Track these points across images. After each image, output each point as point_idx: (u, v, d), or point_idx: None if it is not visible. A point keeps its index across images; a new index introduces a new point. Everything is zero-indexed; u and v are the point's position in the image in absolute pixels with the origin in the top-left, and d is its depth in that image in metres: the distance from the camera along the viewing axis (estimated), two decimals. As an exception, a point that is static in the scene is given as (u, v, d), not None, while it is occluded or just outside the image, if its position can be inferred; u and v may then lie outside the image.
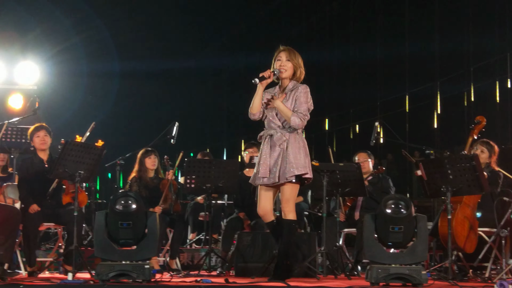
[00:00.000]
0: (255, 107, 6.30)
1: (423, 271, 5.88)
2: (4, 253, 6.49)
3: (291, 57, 6.41)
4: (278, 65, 6.39)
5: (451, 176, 6.69)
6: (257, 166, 6.28)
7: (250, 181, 6.43)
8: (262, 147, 6.30)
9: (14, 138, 9.20)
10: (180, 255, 8.99)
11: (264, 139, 6.32)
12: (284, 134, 6.25)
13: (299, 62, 6.48)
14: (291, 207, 6.27)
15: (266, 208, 6.31)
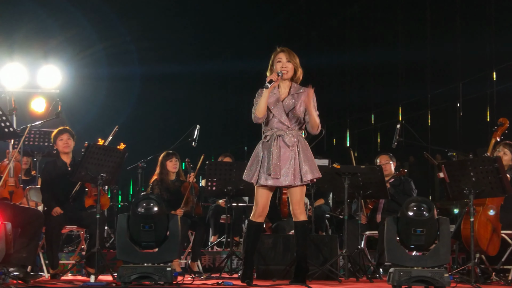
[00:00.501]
0: (262, 110, 6.21)
1: (445, 274, 5.84)
2: (27, 255, 6.53)
3: (291, 57, 6.36)
4: (280, 66, 6.32)
5: (474, 178, 6.65)
6: (262, 165, 6.19)
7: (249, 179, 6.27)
8: (270, 148, 6.20)
9: (37, 142, 9.27)
10: (202, 258, 9.00)
11: (273, 140, 6.23)
12: (294, 136, 6.26)
13: (298, 62, 6.44)
14: (303, 208, 6.33)
15: (266, 208, 6.32)
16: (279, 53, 6.38)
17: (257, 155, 6.27)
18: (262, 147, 6.27)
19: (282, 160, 6.18)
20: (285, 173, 6.18)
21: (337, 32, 16.79)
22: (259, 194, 6.27)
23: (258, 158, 6.24)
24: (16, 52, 12.87)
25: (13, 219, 6.25)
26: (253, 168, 6.25)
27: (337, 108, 16.72)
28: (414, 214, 5.96)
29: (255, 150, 6.32)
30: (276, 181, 6.18)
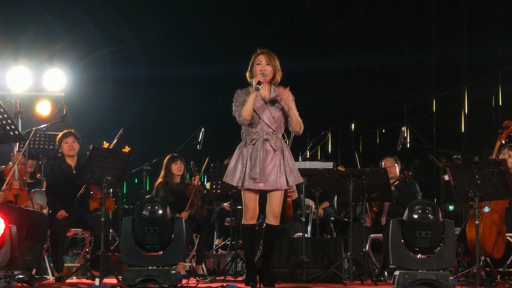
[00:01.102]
0: (250, 112, 6.18)
1: (450, 277, 5.83)
2: (32, 258, 6.54)
3: (270, 60, 6.30)
4: (259, 69, 6.28)
5: (479, 181, 6.64)
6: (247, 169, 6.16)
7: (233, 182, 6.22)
8: (256, 152, 6.16)
9: (42, 145, 9.28)
10: (206, 261, 9.00)
11: (260, 144, 6.19)
12: (278, 140, 6.27)
13: (278, 65, 6.37)
14: (279, 212, 6.35)
15: (257, 210, 6.32)
16: (259, 55, 6.34)
17: (241, 158, 6.22)
18: (246, 150, 6.22)
19: (268, 164, 6.18)
20: (270, 178, 6.18)
21: (342, 35, 16.78)
22: (247, 198, 6.25)
23: (243, 161, 6.20)
24: (21, 56, 12.90)
25: (18, 222, 6.26)
26: (237, 171, 6.20)
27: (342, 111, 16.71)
28: (419, 217, 5.95)
29: (238, 153, 6.26)
30: (264, 185, 6.17)
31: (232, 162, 6.27)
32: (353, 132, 16.10)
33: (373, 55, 15.65)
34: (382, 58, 15.37)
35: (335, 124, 16.50)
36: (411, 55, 14.53)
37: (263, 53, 6.34)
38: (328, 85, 17.12)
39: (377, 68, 15.56)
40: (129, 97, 17.08)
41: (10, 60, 12.58)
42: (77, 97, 13.30)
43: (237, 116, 6.23)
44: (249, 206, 6.26)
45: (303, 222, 7.44)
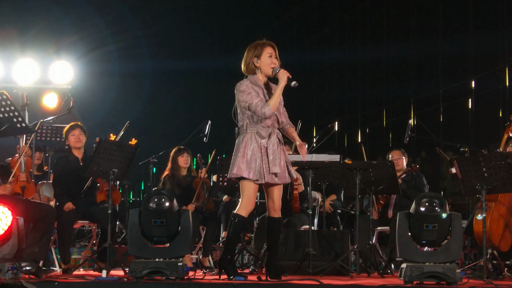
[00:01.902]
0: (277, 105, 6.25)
1: (457, 270, 5.82)
2: (39, 250, 6.55)
3: (276, 54, 6.34)
4: (271, 61, 6.27)
5: (486, 174, 6.62)
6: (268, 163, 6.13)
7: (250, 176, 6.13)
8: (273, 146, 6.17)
9: (49, 137, 9.30)
10: (213, 253, 9.01)
11: (274, 137, 6.21)
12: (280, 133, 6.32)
13: None
14: (280, 205, 6.36)
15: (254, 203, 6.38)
16: (267, 46, 6.31)
17: (259, 152, 6.16)
18: (260, 143, 6.17)
19: (280, 157, 6.20)
20: (283, 170, 6.20)
21: (349, 28, 16.76)
22: (253, 191, 6.22)
23: (261, 155, 6.15)
24: (28, 48, 12.90)
25: (25, 214, 6.27)
26: (253, 164, 6.13)
27: (348, 104, 16.70)
28: (426, 210, 5.94)
29: (249, 146, 6.16)
30: (280, 179, 6.20)
31: (247, 155, 6.14)
32: (360, 125, 16.09)
33: (380, 48, 15.63)
34: (389, 51, 15.35)
35: (341, 117, 16.49)
36: (418, 48, 14.52)
37: (272, 46, 6.33)
38: (334, 78, 17.11)
39: (384, 61, 15.55)
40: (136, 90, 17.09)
41: (17, 53, 12.59)
42: (84, 89, 13.31)
43: (262, 108, 6.13)
44: (253, 199, 6.26)
45: (309, 214, 7.43)
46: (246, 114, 6.24)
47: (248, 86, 6.25)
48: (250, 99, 6.19)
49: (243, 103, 6.21)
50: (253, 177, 6.12)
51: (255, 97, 6.20)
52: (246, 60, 6.35)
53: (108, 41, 15.69)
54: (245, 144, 6.17)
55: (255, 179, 6.14)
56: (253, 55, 6.32)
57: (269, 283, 5.94)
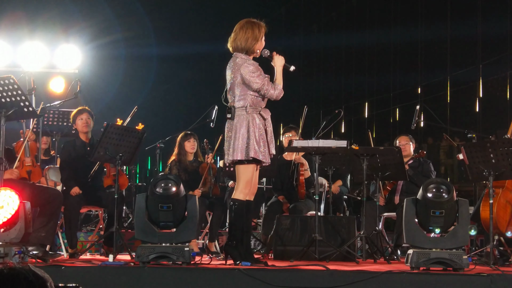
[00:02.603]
0: None
1: (464, 256, 5.82)
2: (46, 235, 6.57)
3: None
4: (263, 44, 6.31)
5: (494, 160, 6.59)
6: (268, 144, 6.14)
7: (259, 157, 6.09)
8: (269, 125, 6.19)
9: (56, 122, 9.29)
10: (219, 238, 9.02)
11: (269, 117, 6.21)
12: None
13: None
14: None
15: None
16: (263, 28, 6.36)
17: (263, 133, 6.13)
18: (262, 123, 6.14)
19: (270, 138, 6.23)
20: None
21: (356, 12, 16.68)
22: (252, 173, 6.20)
23: (263, 137, 6.13)
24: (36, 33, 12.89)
25: (32, 199, 6.28)
26: (262, 148, 6.10)
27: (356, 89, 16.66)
28: (433, 196, 5.93)
29: (257, 127, 6.10)
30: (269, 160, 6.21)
31: (255, 137, 6.08)
32: (367, 111, 16.05)
33: (387, 33, 15.57)
34: (397, 36, 15.29)
35: (348, 103, 16.46)
36: (425, 34, 14.45)
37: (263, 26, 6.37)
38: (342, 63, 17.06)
39: (392, 46, 15.49)
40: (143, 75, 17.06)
41: (25, 37, 12.57)
42: (90, 74, 13.29)
43: (274, 90, 6.14)
44: (250, 182, 6.21)
45: (316, 200, 7.43)
46: (249, 94, 6.15)
47: (257, 67, 6.20)
48: (262, 81, 6.13)
49: (255, 84, 6.11)
50: (263, 159, 6.10)
51: (266, 77, 6.17)
52: (248, 39, 6.25)
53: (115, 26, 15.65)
54: (253, 126, 6.09)
55: (265, 161, 6.13)
56: (258, 37, 6.26)
57: (275, 268, 5.94)
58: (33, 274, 2.35)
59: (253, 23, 6.28)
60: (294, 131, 8.77)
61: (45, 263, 6.11)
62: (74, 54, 12.61)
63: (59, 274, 5.51)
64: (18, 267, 2.35)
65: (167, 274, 5.63)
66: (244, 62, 6.19)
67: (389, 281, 5.47)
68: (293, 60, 6.41)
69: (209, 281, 5.55)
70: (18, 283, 2.31)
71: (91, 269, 5.95)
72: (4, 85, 6.20)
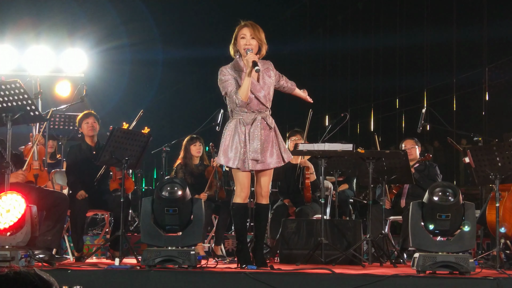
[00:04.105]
0: (247, 94, 6.03)
1: (470, 259, 5.80)
2: (52, 238, 6.58)
3: (255, 33, 6.10)
4: (243, 43, 6.09)
5: (500, 163, 6.58)
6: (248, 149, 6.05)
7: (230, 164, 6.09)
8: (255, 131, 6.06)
9: (62, 125, 9.32)
10: (225, 242, 9.02)
11: (258, 122, 6.08)
12: (270, 117, 6.22)
13: (263, 37, 6.14)
14: (269, 191, 6.34)
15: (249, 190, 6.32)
16: (242, 27, 6.14)
17: (237, 138, 6.08)
18: (242, 130, 6.08)
19: (266, 143, 6.12)
20: (270, 156, 6.13)
21: (362, 16, 16.68)
22: (244, 177, 6.15)
23: (239, 141, 6.08)
24: (42, 37, 12.93)
25: (38, 202, 6.29)
26: (232, 152, 6.08)
27: (361, 93, 16.65)
28: (439, 199, 5.92)
29: (231, 133, 6.10)
30: (263, 165, 6.12)
31: (226, 143, 6.11)
32: (373, 115, 16.04)
33: (393, 37, 15.57)
34: (402, 39, 15.29)
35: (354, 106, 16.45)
36: (431, 37, 14.45)
37: (247, 25, 6.14)
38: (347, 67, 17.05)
39: (397, 50, 15.48)
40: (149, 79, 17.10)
41: (31, 42, 12.61)
42: (96, 78, 13.33)
43: (233, 97, 6.04)
44: (245, 184, 6.20)
45: (322, 204, 7.43)
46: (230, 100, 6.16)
47: (225, 73, 6.14)
48: (225, 87, 6.12)
49: (222, 91, 6.16)
50: (232, 165, 6.09)
51: (230, 85, 6.10)
52: (231, 43, 6.23)
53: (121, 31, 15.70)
54: (228, 132, 6.13)
55: (236, 167, 6.09)
56: (233, 38, 6.19)
57: (282, 272, 5.93)
58: (39, 277, 2.35)
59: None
60: (300, 135, 8.77)
61: (51, 267, 6.11)
62: (80, 58, 12.65)
63: (65, 277, 5.52)
64: (24, 271, 2.35)
65: (173, 278, 5.62)
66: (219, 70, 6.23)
67: (395, 284, 5.46)
68: (299, 63, 6.38)
69: (215, 285, 5.54)
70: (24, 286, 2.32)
71: (97, 272, 5.95)
72: (11, 89, 6.21)
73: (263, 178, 6.25)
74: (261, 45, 6.15)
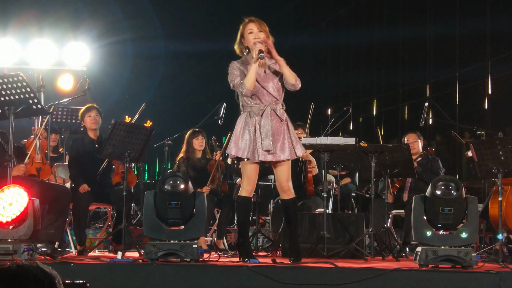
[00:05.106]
0: (253, 83, 6.10)
1: (473, 253, 5.80)
2: (55, 232, 6.58)
3: (261, 27, 6.22)
4: (252, 37, 6.18)
5: (503, 157, 6.57)
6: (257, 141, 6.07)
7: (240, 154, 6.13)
8: (265, 123, 6.08)
9: (64, 119, 9.32)
10: (227, 235, 9.03)
11: (267, 114, 6.11)
12: (282, 108, 6.20)
13: (268, 30, 6.27)
14: (291, 184, 6.29)
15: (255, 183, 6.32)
16: (247, 24, 6.27)
17: (247, 129, 6.12)
18: (252, 121, 6.12)
19: (277, 134, 6.12)
20: (281, 148, 6.11)
21: (365, 10, 16.64)
22: (251, 169, 6.17)
23: (249, 133, 6.11)
24: (45, 30, 12.92)
25: (41, 196, 6.29)
26: (243, 143, 6.11)
27: (364, 86, 16.63)
28: (442, 193, 5.91)
29: (241, 124, 6.15)
30: (274, 156, 6.10)
31: (237, 134, 6.15)
32: (376, 108, 16.02)
33: (396, 30, 15.53)
34: (405, 33, 15.25)
35: (357, 100, 16.43)
36: (434, 30, 14.41)
37: (253, 20, 6.27)
38: (350, 60, 17.03)
39: (400, 43, 15.44)
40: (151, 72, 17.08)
41: (34, 35, 12.61)
42: (99, 71, 13.32)
43: (239, 87, 6.11)
44: (253, 178, 6.22)
45: (324, 197, 7.42)
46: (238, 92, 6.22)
47: (233, 67, 6.24)
48: (233, 79, 6.20)
49: (230, 84, 6.24)
50: (242, 155, 6.11)
51: (236, 76, 6.18)
52: (236, 42, 6.33)
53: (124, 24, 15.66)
54: (239, 123, 6.19)
55: (246, 158, 6.11)
56: (239, 36, 6.30)
57: (283, 265, 5.94)
58: (41, 271, 2.36)
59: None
60: (302, 129, 8.76)
61: (54, 260, 6.12)
62: (83, 52, 12.65)
63: (67, 271, 5.52)
64: (26, 264, 2.35)
65: (175, 271, 5.63)
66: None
67: (398, 278, 5.47)
68: (301, 57, 6.38)
69: (217, 278, 5.55)
70: (27, 280, 2.32)
71: (99, 266, 5.96)
72: (13, 82, 6.21)
73: (278, 172, 6.23)
74: (267, 38, 6.23)
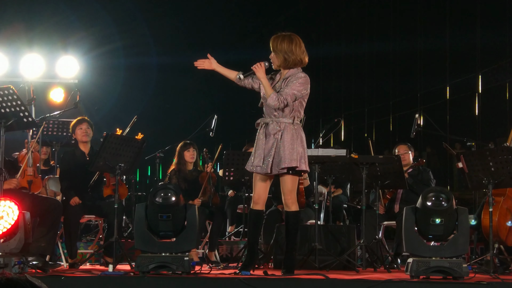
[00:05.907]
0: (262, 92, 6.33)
1: (464, 264, 5.81)
2: (46, 245, 6.57)
3: (274, 46, 6.33)
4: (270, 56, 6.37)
5: (493, 168, 6.59)
6: (253, 154, 6.23)
7: (245, 167, 6.36)
8: (258, 135, 6.23)
9: (55, 132, 9.31)
10: (219, 247, 9.02)
11: (260, 127, 6.25)
12: (279, 124, 6.17)
13: (286, 48, 6.31)
14: (294, 198, 6.30)
15: (262, 195, 6.31)
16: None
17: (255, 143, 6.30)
18: (257, 135, 6.29)
19: (266, 148, 6.16)
20: (266, 162, 6.14)
21: (355, 22, 16.71)
22: (254, 181, 6.31)
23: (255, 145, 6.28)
24: (35, 43, 12.92)
25: (32, 209, 6.28)
26: (252, 157, 6.28)
27: (355, 98, 16.67)
28: (432, 204, 5.93)
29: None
30: (257, 169, 6.17)
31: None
32: (366, 119, 16.06)
33: (386, 41, 15.59)
34: (396, 44, 15.32)
35: (348, 111, 16.46)
36: (424, 42, 14.48)
37: (271, 40, 6.40)
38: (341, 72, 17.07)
39: (391, 54, 15.51)
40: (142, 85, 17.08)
41: (24, 47, 12.60)
42: (90, 84, 13.31)
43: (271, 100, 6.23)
44: (255, 189, 6.30)
45: (315, 209, 7.43)
46: None
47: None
48: None
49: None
50: (247, 168, 6.30)
51: None
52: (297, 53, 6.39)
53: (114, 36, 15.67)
54: None
55: (249, 170, 6.28)
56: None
57: (275, 277, 5.93)
58: (30, 284, 2.35)
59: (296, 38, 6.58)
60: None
61: (45, 273, 6.09)
62: (73, 64, 12.63)
63: (58, 284, 5.51)
64: (16, 277, 2.35)
65: (167, 284, 5.62)
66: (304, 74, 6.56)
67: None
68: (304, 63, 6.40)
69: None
70: (16, 293, 2.32)
71: (91, 279, 5.94)
72: (4, 96, 6.21)
73: (284, 186, 6.27)
74: (285, 55, 6.32)
